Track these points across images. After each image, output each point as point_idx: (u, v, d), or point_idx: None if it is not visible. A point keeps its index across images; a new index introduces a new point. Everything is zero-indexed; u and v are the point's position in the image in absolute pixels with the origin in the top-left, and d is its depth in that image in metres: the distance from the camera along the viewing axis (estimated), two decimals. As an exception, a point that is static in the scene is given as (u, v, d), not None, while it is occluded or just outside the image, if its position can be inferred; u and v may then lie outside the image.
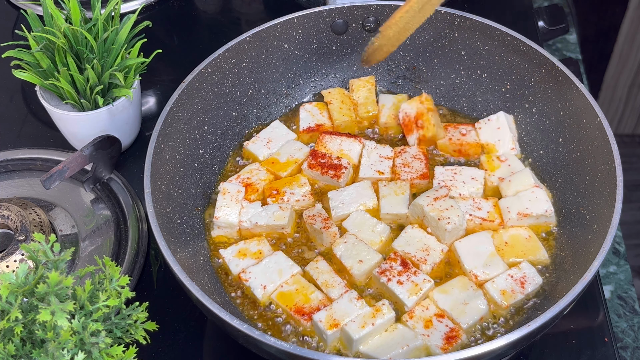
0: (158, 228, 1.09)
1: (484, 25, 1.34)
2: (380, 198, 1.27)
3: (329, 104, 1.42)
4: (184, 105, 1.27)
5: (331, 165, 1.31)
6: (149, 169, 1.15)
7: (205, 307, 1.01)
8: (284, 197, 1.28)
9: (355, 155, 1.35)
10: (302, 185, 1.29)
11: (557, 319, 1.00)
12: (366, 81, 1.45)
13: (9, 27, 1.77)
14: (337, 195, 1.28)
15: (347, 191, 1.28)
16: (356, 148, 1.35)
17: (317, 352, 0.96)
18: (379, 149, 1.34)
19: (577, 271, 1.08)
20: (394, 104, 1.42)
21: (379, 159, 1.33)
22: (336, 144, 1.35)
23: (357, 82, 1.45)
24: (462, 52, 1.39)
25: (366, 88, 1.44)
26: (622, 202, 1.08)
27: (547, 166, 1.30)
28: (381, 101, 1.43)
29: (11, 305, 0.90)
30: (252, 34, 1.35)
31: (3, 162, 1.43)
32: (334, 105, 1.42)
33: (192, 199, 1.27)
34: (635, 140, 2.96)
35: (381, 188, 1.28)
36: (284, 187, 1.30)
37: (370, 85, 1.44)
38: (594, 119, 1.19)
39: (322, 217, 1.24)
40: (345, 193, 1.28)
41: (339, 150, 1.35)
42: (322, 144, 1.35)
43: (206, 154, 1.34)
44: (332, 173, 1.30)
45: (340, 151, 1.35)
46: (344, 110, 1.41)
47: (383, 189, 1.28)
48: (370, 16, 1.41)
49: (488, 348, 0.94)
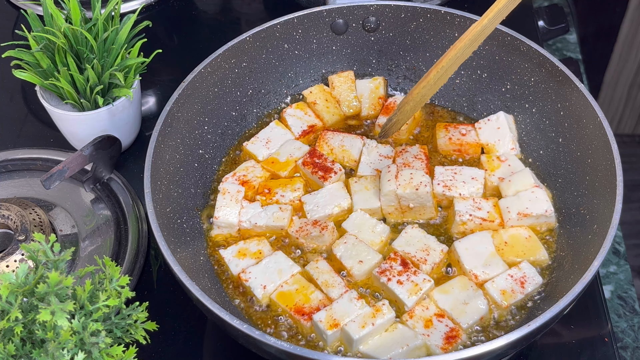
0: (158, 228, 1.09)
1: None
2: (352, 194, 1.28)
3: (314, 104, 1.42)
4: (184, 105, 1.27)
5: (323, 167, 1.31)
6: (149, 169, 1.15)
7: (205, 307, 1.01)
8: (273, 197, 1.28)
9: (356, 152, 1.35)
10: (295, 189, 1.29)
11: (557, 319, 1.00)
12: (345, 77, 1.45)
13: (9, 27, 1.77)
14: (311, 199, 1.28)
15: (320, 194, 1.29)
16: (357, 144, 1.35)
17: (317, 352, 0.96)
18: (380, 148, 1.34)
19: (577, 271, 1.08)
20: (371, 91, 1.43)
21: (378, 157, 1.33)
22: (338, 140, 1.36)
23: (336, 79, 1.45)
24: None
25: (347, 85, 1.44)
26: (622, 202, 1.08)
27: (547, 166, 1.30)
28: (359, 90, 1.44)
29: (11, 305, 0.90)
30: (252, 34, 1.35)
31: (3, 162, 1.43)
32: (320, 105, 1.42)
33: (192, 199, 1.27)
34: (635, 140, 2.96)
35: (352, 185, 1.29)
36: (277, 187, 1.30)
37: (350, 82, 1.44)
38: (594, 119, 1.19)
39: (310, 224, 1.24)
40: (319, 196, 1.28)
41: (341, 147, 1.35)
42: (324, 140, 1.36)
43: (206, 154, 1.34)
44: (321, 174, 1.30)
45: (341, 147, 1.35)
46: (331, 109, 1.42)
47: (354, 185, 1.29)
48: (371, 16, 1.41)
49: (488, 348, 0.94)
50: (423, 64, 1.44)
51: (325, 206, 1.27)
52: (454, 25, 1.37)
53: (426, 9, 1.37)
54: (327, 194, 1.28)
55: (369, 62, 1.48)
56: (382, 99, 1.43)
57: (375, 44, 1.45)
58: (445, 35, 1.39)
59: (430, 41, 1.41)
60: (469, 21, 1.35)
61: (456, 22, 1.36)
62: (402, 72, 1.47)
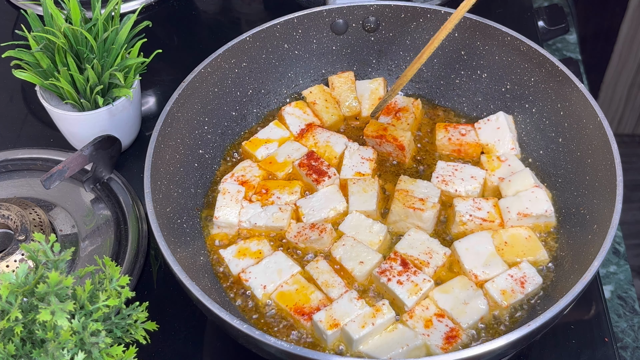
0: (158, 228, 1.09)
1: (484, 25, 1.34)
2: (348, 195, 1.28)
3: (314, 104, 1.42)
4: (184, 105, 1.27)
5: (318, 170, 1.31)
6: (149, 169, 1.15)
7: (205, 307, 1.01)
8: (269, 198, 1.28)
9: (339, 149, 1.36)
10: (292, 192, 1.29)
11: (557, 319, 1.00)
12: (345, 77, 1.45)
13: (9, 27, 1.77)
14: (306, 203, 1.28)
15: (315, 197, 1.29)
16: (342, 143, 1.36)
17: (317, 352, 0.96)
18: (361, 151, 1.35)
19: (577, 271, 1.08)
20: (371, 92, 1.43)
21: (360, 160, 1.33)
22: (324, 136, 1.37)
23: (336, 80, 1.45)
24: (462, 52, 1.39)
25: (347, 86, 1.44)
26: (622, 202, 1.08)
27: (547, 166, 1.30)
28: (359, 91, 1.44)
29: (11, 305, 0.90)
30: (252, 34, 1.35)
31: (3, 162, 1.43)
32: (319, 105, 1.42)
33: (192, 199, 1.27)
34: (635, 140, 2.96)
35: (350, 186, 1.29)
36: (275, 188, 1.30)
37: (350, 83, 1.44)
38: (593, 119, 1.19)
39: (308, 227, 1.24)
40: (315, 200, 1.28)
41: (326, 142, 1.36)
42: (312, 134, 1.37)
43: (206, 153, 1.34)
44: (315, 177, 1.30)
45: (326, 142, 1.36)
46: (331, 110, 1.42)
47: (352, 186, 1.29)
48: (371, 16, 1.41)
49: (488, 348, 0.94)
50: (423, 64, 1.44)
51: (321, 210, 1.27)
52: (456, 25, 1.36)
53: (426, 9, 1.37)
54: (323, 197, 1.28)
55: (369, 62, 1.48)
56: (381, 99, 1.43)
57: (375, 44, 1.45)
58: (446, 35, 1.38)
59: (430, 41, 1.41)
60: (469, 21, 1.35)
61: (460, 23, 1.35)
62: (402, 72, 1.47)
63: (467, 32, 1.37)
